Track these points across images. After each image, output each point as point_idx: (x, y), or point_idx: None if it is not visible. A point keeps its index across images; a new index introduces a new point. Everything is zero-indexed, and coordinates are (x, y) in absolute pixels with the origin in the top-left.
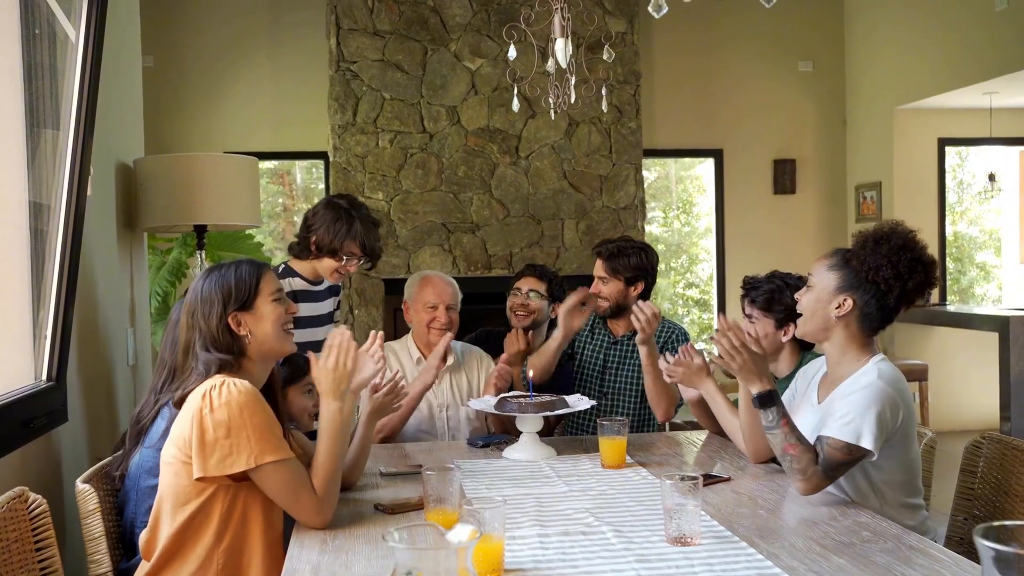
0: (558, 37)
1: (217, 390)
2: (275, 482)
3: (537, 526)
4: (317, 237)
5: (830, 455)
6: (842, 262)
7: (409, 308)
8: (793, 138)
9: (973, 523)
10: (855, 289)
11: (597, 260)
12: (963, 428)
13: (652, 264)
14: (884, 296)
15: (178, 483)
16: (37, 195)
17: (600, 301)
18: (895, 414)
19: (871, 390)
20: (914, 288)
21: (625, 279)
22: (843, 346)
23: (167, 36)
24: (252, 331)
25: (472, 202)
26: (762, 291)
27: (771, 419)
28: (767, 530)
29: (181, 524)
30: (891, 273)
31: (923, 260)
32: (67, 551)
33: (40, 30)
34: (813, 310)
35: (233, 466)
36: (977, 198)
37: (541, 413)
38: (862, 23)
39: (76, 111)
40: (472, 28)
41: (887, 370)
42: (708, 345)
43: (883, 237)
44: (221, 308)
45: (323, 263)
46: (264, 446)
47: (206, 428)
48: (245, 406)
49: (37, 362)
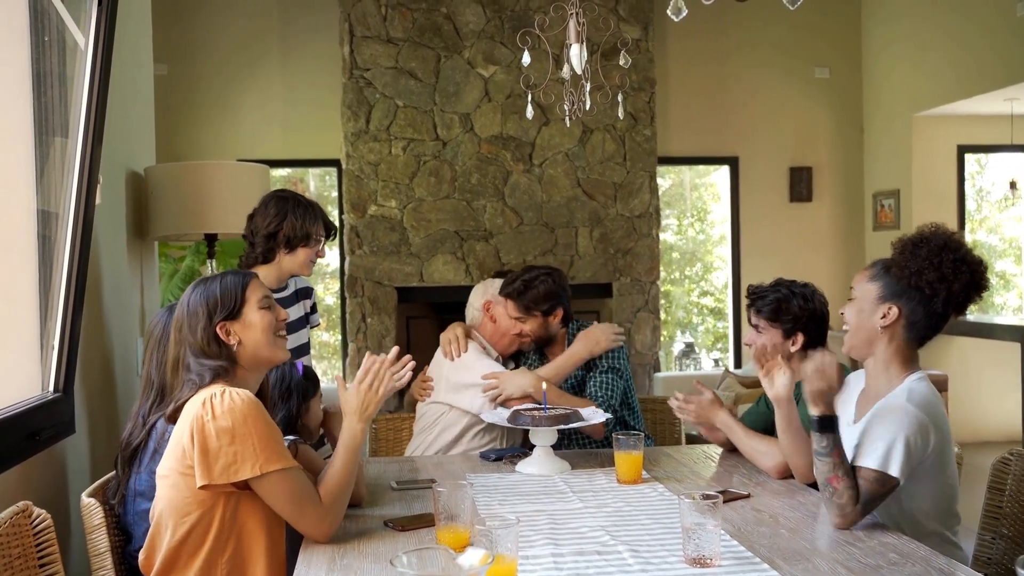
0: (573, 42)
1: (219, 398)
2: (280, 492)
3: (551, 545)
4: (286, 230)
5: (865, 488)
6: (883, 271)
7: (494, 305)
8: (809, 145)
9: (1000, 543)
10: (899, 297)
11: (507, 302)
12: (984, 440)
13: (563, 286)
14: (930, 301)
15: (176, 495)
16: (46, 203)
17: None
18: (925, 439)
19: (899, 414)
20: (961, 290)
21: (542, 312)
22: (887, 360)
23: (181, 44)
24: (242, 339)
25: (485, 210)
26: (768, 300)
27: (825, 445)
28: (789, 551)
29: (181, 536)
30: (935, 275)
31: (967, 260)
32: (73, 566)
33: (49, 37)
34: (857, 323)
35: (238, 473)
36: (997, 206)
37: (555, 426)
38: (879, 29)
39: (85, 119)
40: (486, 35)
41: (919, 391)
42: (722, 355)
43: (922, 240)
44: (207, 319)
45: (296, 257)
46: (269, 455)
47: (208, 435)
48: (248, 414)
49: (44, 373)
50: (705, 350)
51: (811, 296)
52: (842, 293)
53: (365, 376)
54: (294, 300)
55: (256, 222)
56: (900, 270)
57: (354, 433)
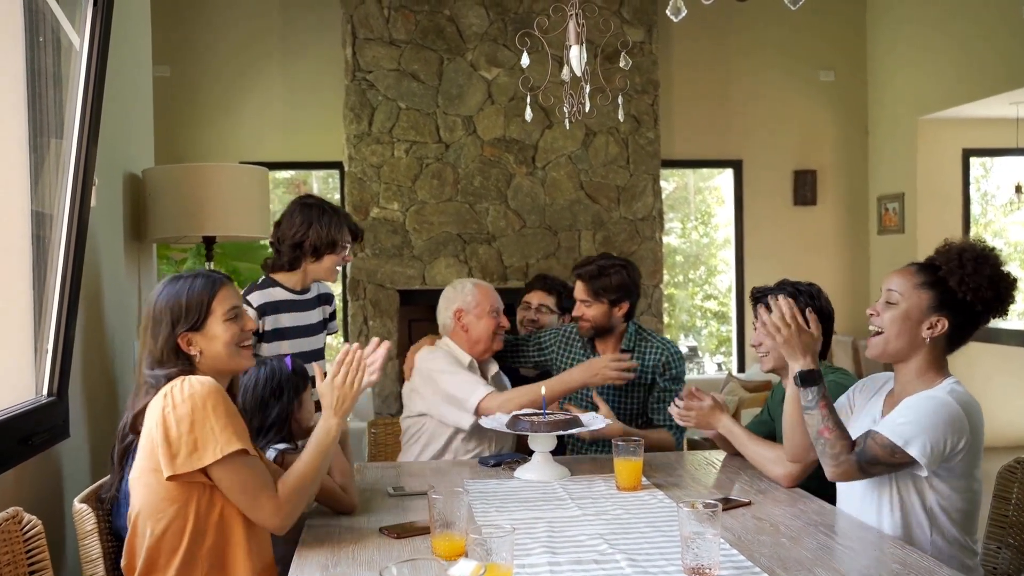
0: (573, 44)
1: (178, 387)
2: (236, 477)
3: (548, 553)
4: (312, 239)
5: (871, 448)
6: (935, 279)
7: (466, 315)
8: (814, 148)
9: (1007, 552)
10: (951, 308)
11: (578, 283)
12: (990, 445)
13: (636, 281)
14: (979, 317)
15: (150, 494)
16: (40, 205)
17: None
18: (958, 435)
19: (937, 403)
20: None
21: (609, 300)
22: (922, 366)
23: (183, 46)
24: (203, 350)
25: (488, 213)
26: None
27: (810, 399)
28: (790, 561)
29: (159, 534)
30: (993, 296)
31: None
32: (67, 573)
33: (44, 38)
34: (900, 329)
35: (202, 459)
36: (1002, 210)
37: (554, 432)
38: (884, 31)
39: (80, 120)
40: (488, 37)
41: (960, 391)
42: (726, 359)
43: (983, 258)
44: (169, 329)
45: (322, 264)
46: (230, 436)
47: (170, 426)
48: (208, 397)
49: (38, 376)
50: (708, 354)
51: (816, 295)
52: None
53: (339, 369)
54: (315, 304)
55: (282, 231)
56: (959, 283)
57: (328, 428)
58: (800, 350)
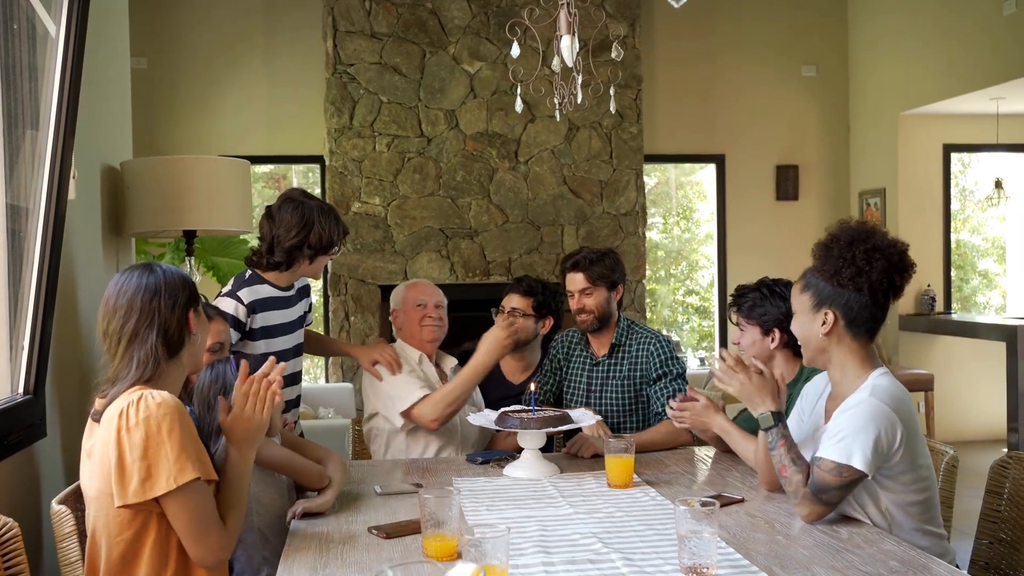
0: (564, 34)
1: (135, 406)
2: (187, 508)
3: (541, 553)
4: (313, 239)
5: (819, 477)
6: (810, 279)
7: (399, 315)
8: (796, 144)
9: (999, 547)
10: (829, 300)
11: (572, 274)
12: (969, 439)
13: (623, 267)
14: (859, 295)
15: (105, 516)
16: (15, 198)
17: (582, 317)
18: (892, 432)
19: (863, 408)
20: (880, 277)
21: (608, 284)
22: (842, 362)
23: (160, 38)
24: (199, 334)
25: (470, 207)
26: (747, 299)
27: (771, 440)
28: (787, 559)
29: (116, 559)
30: (851, 271)
31: (878, 246)
32: (45, 574)
33: (19, 25)
34: (803, 336)
35: (153, 489)
36: (980, 205)
37: (544, 429)
38: (866, 27)
39: (56, 110)
40: (471, 31)
41: (883, 385)
42: (708, 354)
43: (832, 240)
44: (186, 299)
45: (315, 265)
46: (183, 464)
47: (124, 451)
48: (163, 420)
49: (13, 374)
50: (691, 349)
51: (789, 295)
52: None
53: (245, 401)
54: (297, 299)
55: (278, 231)
56: (821, 274)
57: (245, 460)
58: (757, 395)
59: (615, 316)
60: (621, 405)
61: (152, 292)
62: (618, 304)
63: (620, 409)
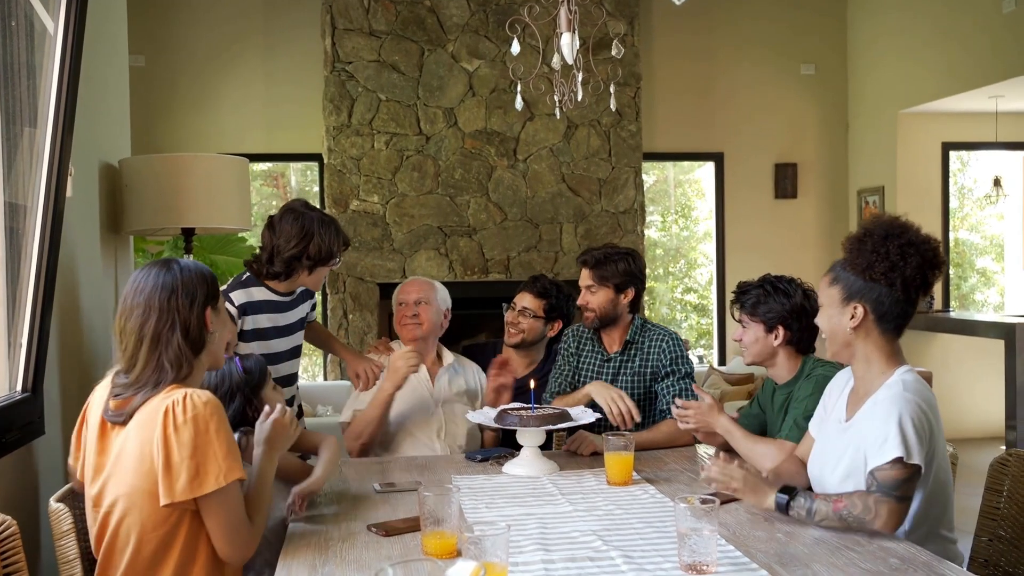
0: (564, 31)
1: (180, 405)
2: (227, 507)
3: (541, 551)
4: (311, 252)
5: (884, 478)
6: (840, 272)
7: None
8: (795, 142)
9: (998, 544)
10: (860, 294)
11: (583, 269)
12: (967, 436)
13: (641, 269)
14: (891, 291)
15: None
16: (13, 195)
17: (586, 313)
18: (926, 429)
19: (898, 404)
20: (915, 272)
21: (614, 286)
22: (868, 357)
23: (158, 36)
24: (217, 332)
25: (469, 205)
26: (750, 295)
27: (803, 506)
28: (787, 556)
29: (148, 555)
30: (885, 265)
31: (914, 242)
32: (43, 573)
33: (17, 22)
34: (830, 329)
35: (202, 487)
36: (978, 203)
37: (543, 427)
38: (865, 25)
39: (55, 108)
40: (470, 29)
41: (912, 382)
42: (706, 351)
43: (866, 233)
44: (204, 295)
45: (315, 276)
46: (231, 464)
47: (171, 450)
48: (211, 420)
49: (12, 372)
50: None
51: (793, 292)
52: None
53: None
54: (299, 301)
55: (278, 242)
56: (853, 268)
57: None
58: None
59: (624, 317)
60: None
61: (169, 291)
62: (632, 307)
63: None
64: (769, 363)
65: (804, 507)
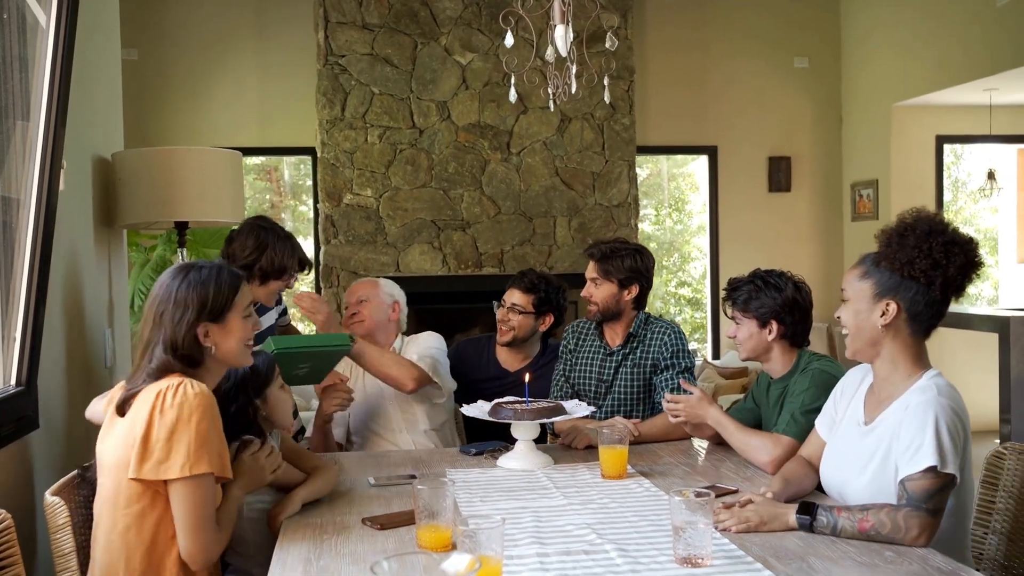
0: (558, 23)
1: (173, 390)
2: (194, 499)
3: (536, 544)
4: (263, 264)
5: (915, 488)
6: (873, 266)
7: None
8: (788, 135)
9: (994, 538)
10: (895, 291)
11: (589, 262)
12: None
13: (647, 267)
14: (928, 290)
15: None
16: (5, 189)
17: (589, 306)
18: (961, 436)
19: (934, 408)
20: (957, 272)
21: (618, 282)
22: (894, 358)
23: (151, 29)
24: (217, 344)
25: (463, 199)
26: (742, 292)
27: (826, 523)
28: (782, 549)
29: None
30: (927, 263)
31: (957, 240)
32: (38, 568)
33: (9, 15)
34: (856, 326)
35: (167, 472)
36: (972, 197)
37: (537, 420)
38: (859, 18)
39: (47, 101)
40: (463, 22)
41: (945, 386)
42: (700, 345)
43: (907, 228)
44: (193, 316)
45: (267, 288)
46: (201, 456)
47: (152, 428)
48: (195, 410)
49: (6, 366)
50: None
51: (784, 285)
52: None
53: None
54: (267, 309)
55: (233, 250)
56: (890, 263)
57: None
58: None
59: (627, 313)
60: (632, 394)
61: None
62: (636, 303)
63: (631, 398)
64: (764, 358)
65: (828, 526)
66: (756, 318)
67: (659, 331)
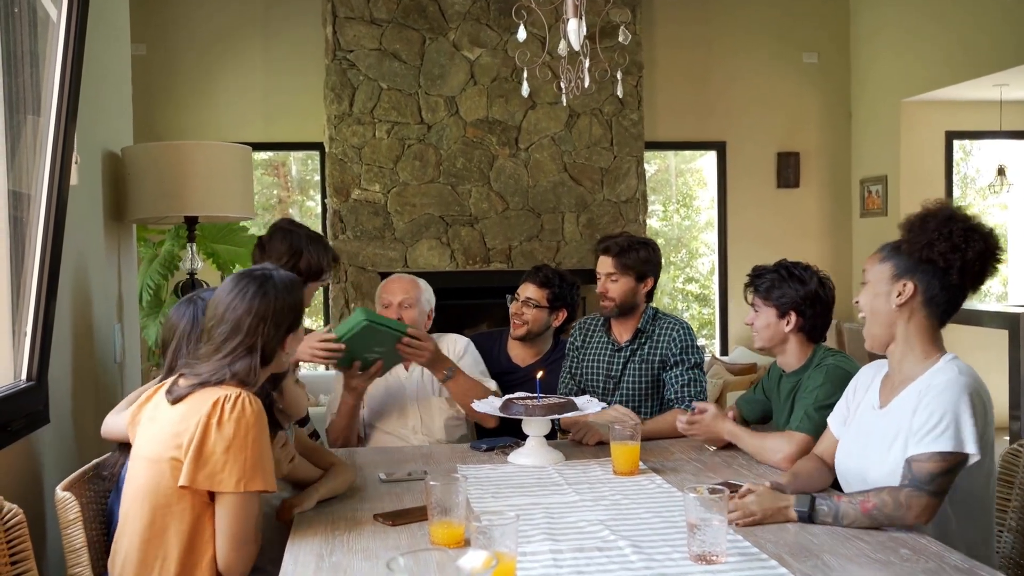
0: (571, 17)
1: (231, 402)
2: (241, 513)
3: (549, 540)
4: (302, 267)
5: (919, 469)
6: (893, 250)
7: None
8: (797, 131)
9: (1008, 536)
10: (912, 272)
11: (603, 257)
12: None
13: (659, 259)
14: (945, 273)
15: (161, 480)
16: (17, 184)
17: (605, 301)
18: (984, 409)
19: (956, 387)
20: (976, 258)
21: (636, 275)
22: (908, 340)
23: (160, 24)
24: (290, 352)
25: (471, 194)
26: (765, 279)
27: (827, 512)
28: (797, 546)
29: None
30: (946, 245)
31: (978, 228)
32: (49, 562)
33: (20, 9)
34: (873, 307)
35: (220, 484)
36: (981, 193)
37: (549, 416)
38: (868, 13)
39: (58, 96)
40: (471, 17)
41: (964, 367)
42: (708, 341)
43: (929, 214)
44: (287, 327)
45: (308, 290)
46: (255, 474)
47: (208, 438)
48: (251, 427)
49: (16, 361)
50: None
51: (808, 279)
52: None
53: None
54: None
55: (268, 257)
56: (910, 246)
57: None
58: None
59: (640, 307)
60: (640, 390)
61: (260, 318)
62: (648, 295)
63: (639, 394)
64: (779, 349)
65: (829, 514)
66: (776, 307)
67: (668, 327)
